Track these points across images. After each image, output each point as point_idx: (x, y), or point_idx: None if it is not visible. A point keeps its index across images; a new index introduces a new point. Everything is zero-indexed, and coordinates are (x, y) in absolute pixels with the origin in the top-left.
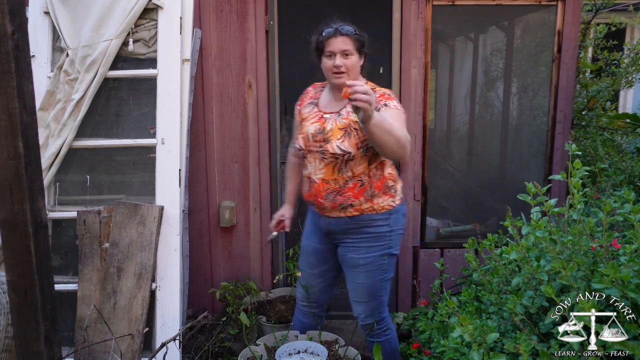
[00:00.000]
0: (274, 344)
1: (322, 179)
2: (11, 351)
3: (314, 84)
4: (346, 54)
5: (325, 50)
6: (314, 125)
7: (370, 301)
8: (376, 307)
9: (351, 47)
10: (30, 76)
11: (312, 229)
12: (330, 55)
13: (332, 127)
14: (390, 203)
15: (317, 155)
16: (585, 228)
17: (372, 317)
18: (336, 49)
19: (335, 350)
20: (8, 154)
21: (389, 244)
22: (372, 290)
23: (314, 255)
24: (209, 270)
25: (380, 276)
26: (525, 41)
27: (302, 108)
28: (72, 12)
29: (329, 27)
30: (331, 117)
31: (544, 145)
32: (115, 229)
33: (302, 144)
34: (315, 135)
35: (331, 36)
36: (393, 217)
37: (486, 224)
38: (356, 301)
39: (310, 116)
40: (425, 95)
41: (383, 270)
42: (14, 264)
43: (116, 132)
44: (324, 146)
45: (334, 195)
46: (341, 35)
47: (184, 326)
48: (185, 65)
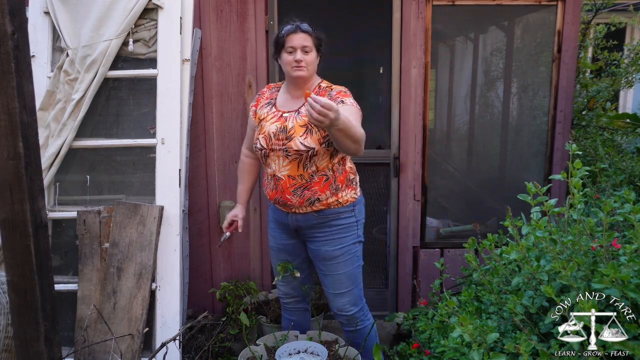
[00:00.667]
0: (274, 344)
1: (288, 175)
2: (11, 351)
3: (269, 85)
4: (306, 50)
5: (285, 46)
6: (275, 125)
7: (353, 289)
8: (357, 294)
9: (310, 43)
10: (30, 76)
11: (277, 226)
12: (291, 51)
13: (293, 125)
14: (353, 195)
15: (280, 153)
16: (585, 228)
17: (356, 305)
18: (297, 44)
19: (335, 350)
20: (8, 154)
21: (357, 232)
22: (353, 277)
23: (285, 252)
24: (209, 270)
25: (357, 263)
26: (525, 41)
27: (259, 109)
28: (72, 12)
29: (290, 24)
30: (290, 115)
31: (544, 145)
32: (115, 229)
33: (264, 143)
34: (277, 134)
35: (292, 32)
36: (357, 207)
37: (486, 224)
38: (339, 293)
39: (270, 116)
40: (425, 95)
41: (357, 257)
42: (14, 264)
43: (116, 132)
44: (287, 144)
45: (301, 190)
46: (301, 32)
47: (184, 326)
48: (185, 65)
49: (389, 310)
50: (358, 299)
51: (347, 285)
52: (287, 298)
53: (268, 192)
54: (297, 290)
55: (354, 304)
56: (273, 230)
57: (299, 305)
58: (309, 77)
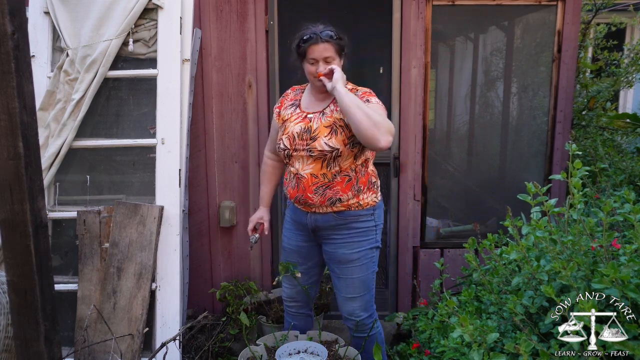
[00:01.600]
0: (274, 344)
1: (311, 173)
2: (11, 351)
3: (293, 87)
4: (327, 61)
5: (307, 57)
6: (299, 125)
7: (365, 294)
8: (369, 300)
9: (332, 52)
10: (30, 76)
11: (294, 227)
12: (312, 62)
13: (317, 125)
14: (374, 199)
15: (303, 153)
16: (585, 228)
17: (367, 311)
18: (318, 56)
19: (335, 350)
20: (8, 154)
21: (375, 237)
22: (366, 283)
23: (297, 254)
24: (209, 270)
25: (372, 268)
26: (525, 41)
27: (282, 110)
28: (72, 12)
29: (309, 32)
30: (315, 116)
31: (544, 145)
32: (115, 229)
33: (288, 143)
34: (301, 134)
35: (313, 43)
36: (377, 212)
37: (486, 224)
38: (350, 298)
39: (293, 117)
40: (425, 95)
41: (373, 262)
42: (14, 264)
43: (116, 132)
44: (311, 144)
45: (323, 189)
46: (322, 41)
47: (184, 326)
48: (185, 65)
49: (389, 310)
50: (369, 305)
51: (360, 290)
52: (291, 302)
53: (289, 191)
54: (302, 295)
55: (364, 309)
56: (289, 231)
57: (302, 311)
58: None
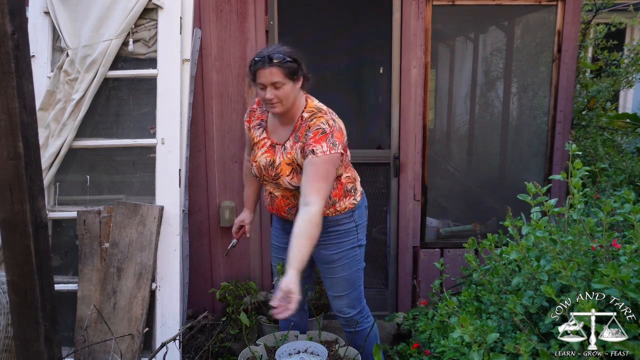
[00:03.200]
0: (274, 344)
1: (282, 195)
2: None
3: (258, 101)
4: (276, 86)
5: (256, 82)
6: (264, 157)
7: (351, 292)
8: (356, 297)
9: (281, 77)
10: (30, 76)
11: (280, 226)
12: (262, 87)
13: (280, 161)
14: (351, 202)
15: (272, 183)
16: (585, 228)
17: (355, 308)
18: (266, 81)
19: (335, 350)
20: (8, 154)
21: (357, 237)
22: (351, 281)
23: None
24: (209, 270)
25: (356, 267)
26: (525, 41)
27: (252, 127)
28: (72, 12)
29: (260, 55)
30: (278, 149)
31: (544, 145)
32: (115, 229)
33: (257, 172)
34: (267, 167)
35: (259, 67)
36: (356, 212)
37: (486, 224)
38: (337, 296)
39: (261, 143)
40: (425, 95)
41: (357, 261)
42: (14, 264)
43: (116, 132)
44: (276, 180)
45: (296, 209)
46: (270, 65)
47: (184, 326)
48: (185, 65)
49: (389, 310)
50: (356, 302)
51: (345, 288)
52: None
53: (266, 205)
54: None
55: (352, 307)
56: (276, 229)
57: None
58: (289, 108)
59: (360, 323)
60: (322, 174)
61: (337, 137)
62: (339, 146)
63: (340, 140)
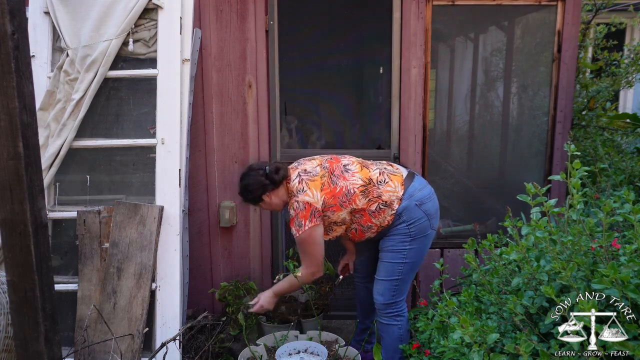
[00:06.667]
0: (274, 344)
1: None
2: (11, 351)
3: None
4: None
5: None
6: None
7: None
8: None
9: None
10: (30, 76)
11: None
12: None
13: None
14: (391, 214)
15: None
16: (585, 228)
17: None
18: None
19: (335, 350)
20: (8, 154)
21: (409, 232)
22: (390, 270)
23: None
24: (209, 270)
25: (398, 259)
26: (525, 41)
27: None
28: (72, 12)
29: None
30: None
31: (544, 145)
32: (115, 229)
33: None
34: None
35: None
36: (404, 216)
37: (486, 224)
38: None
39: None
40: (425, 95)
41: (403, 255)
42: (14, 264)
43: (116, 132)
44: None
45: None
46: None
47: (184, 326)
48: (185, 65)
49: None
50: (387, 291)
51: (383, 274)
52: (355, 274)
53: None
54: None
55: (381, 293)
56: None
57: (360, 283)
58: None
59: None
60: (302, 250)
61: (302, 217)
62: (307, 223)
63: (306, 216)
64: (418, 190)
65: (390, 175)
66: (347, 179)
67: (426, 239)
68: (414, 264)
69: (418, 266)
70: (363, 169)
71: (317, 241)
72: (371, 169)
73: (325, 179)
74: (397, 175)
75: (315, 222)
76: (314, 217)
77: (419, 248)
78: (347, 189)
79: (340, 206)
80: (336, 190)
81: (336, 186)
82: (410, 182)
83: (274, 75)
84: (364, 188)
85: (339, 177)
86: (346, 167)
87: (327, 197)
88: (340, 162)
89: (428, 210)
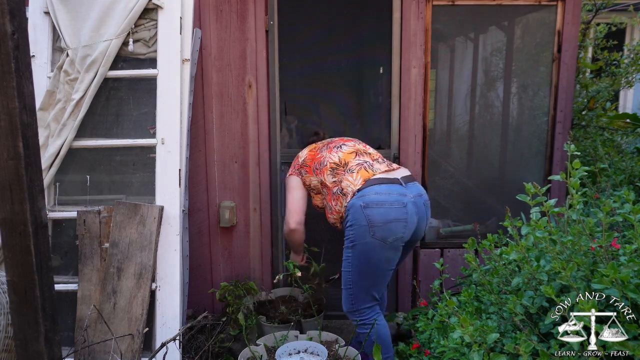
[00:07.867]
0: (274, 344)
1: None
2: (11, 351)
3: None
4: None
5: None
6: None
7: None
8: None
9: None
10: (30, 76)
11: None
12: None
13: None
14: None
15: None
16: (585, 228)
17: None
18: None
19: (335, 350)
20: (8, 154)
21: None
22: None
23: None
24: (209, 270)
25: (345, 268)
26: (525, 41)
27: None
28: (72, 12)
29: None
30: None
31: (544, 145)
32: (115, 229)
33: None
34: None
35: None
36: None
37: (486, 224)
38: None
39: None
40: (425, 95)
41: (348, 262)
42: (14, 264)
43: (116, 132)
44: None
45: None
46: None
47: (184, 326)
48: (185, 65)
49: (389, 310)
50: (345, 300)
51: (342, 282)
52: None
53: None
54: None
55: (343, 301)
56: None
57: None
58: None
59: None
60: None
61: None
62: (290, 170)
63: (292, 165)
64: (374, 194)
65: (363, 170)
66: (330, 153)
67: (367, 247)
68: (361, 273)
69: (372, 275)
70: (351, 154)
71: (291, 188)
72: (357, 158)
73: (319, 144)
74: (369, 172)
75: (294, 173)
76: (294, 168)
77: (360, 256)
78: (323, 159)
79: (313, 172)
80: (316, 156)
81: (319, 153)
82: (380, 183)
83: (274, 75)
84: (335, 166)
85: (327, 149)
86: (340, 146)
87: (308, 157)
88: (342, 141)
89: (371, 217)
